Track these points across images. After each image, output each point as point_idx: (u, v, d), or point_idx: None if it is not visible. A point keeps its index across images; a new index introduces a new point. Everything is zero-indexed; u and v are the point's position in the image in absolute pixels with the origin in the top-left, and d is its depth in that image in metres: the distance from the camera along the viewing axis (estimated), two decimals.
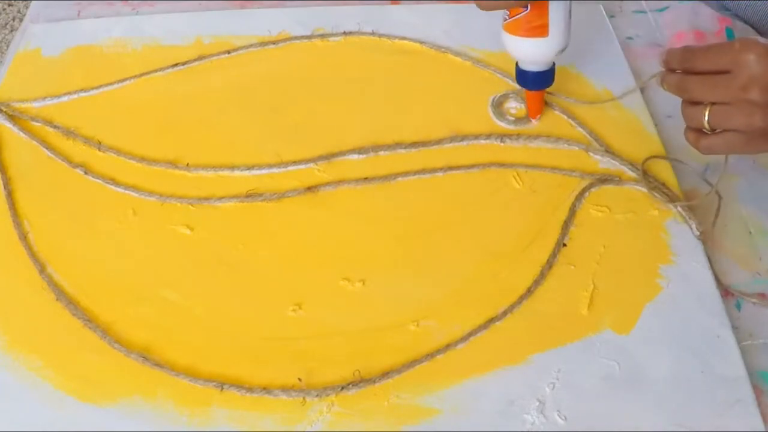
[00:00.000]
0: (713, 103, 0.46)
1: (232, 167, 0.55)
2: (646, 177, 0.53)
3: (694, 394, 0.43)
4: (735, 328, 0.46)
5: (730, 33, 0.65)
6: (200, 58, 0.63)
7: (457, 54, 0.63)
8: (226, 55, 0.63)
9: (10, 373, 0.44)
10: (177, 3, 0.69)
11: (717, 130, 0.47)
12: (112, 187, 0.54)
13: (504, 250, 0.50)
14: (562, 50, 0.53)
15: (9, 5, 1.66)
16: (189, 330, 0.46)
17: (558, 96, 0.59)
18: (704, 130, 0.47)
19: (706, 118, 0.47)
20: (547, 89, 0.57)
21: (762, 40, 0.45)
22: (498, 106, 0.59)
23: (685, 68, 0.49)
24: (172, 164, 0.55)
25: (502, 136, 0.57)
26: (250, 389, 0.43)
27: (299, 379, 0.44)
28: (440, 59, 0.63)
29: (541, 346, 0.45)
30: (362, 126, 0.58)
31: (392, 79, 0.62)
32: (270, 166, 0.55)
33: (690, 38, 0.64)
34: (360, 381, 0.44)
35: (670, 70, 0.50)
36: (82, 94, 0.60)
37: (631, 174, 0.54)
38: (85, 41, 0.65)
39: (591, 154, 0.56)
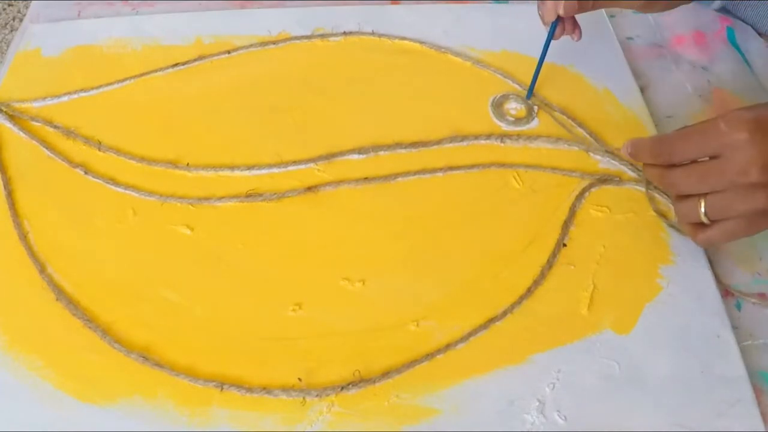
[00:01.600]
0: (707, 194, 0.42)
1: (232, 167, 0.55)
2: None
3: (694, 394, 0.43)
4: (735, 328, 0.46)
5: (730, 32, 0.65)
6: (200, 58, 0.63)
7: (457, 54, 0.63)
8: (226, 55, 0.63)
9: (10, 373, 0.44)
10: (177, 3, 0.68)
11: (716, 220, 0.43)
12: (112, 187, 0.54)
13: (504, 250, 0.50)
14: None
15: (9, 5, 1.66)
16: (189, 330, 0.46)
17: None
18: (702, 222, 0.44)
19: (703, 210, 0.43)
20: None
21: (746, 112, 0.41)
22: (498, 106, 0.59)
23: (661, 162, 0.45)
24: (172, 164, 0.55)
25: (502, 136, 0.57)
26: (250, 389, 0.43)
27: (299, 379, 0.44)
28: (440, 59, 0.63)
29: (541, 346, 0.45)
30: (362, 126, 0.58)
31: (392, 79, 0.62)
32: (270, 166, 0.55)
33: (690, 39, 0.64)
34: (360, 381, 0.44)
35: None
36: (82, 94, 0.60)
37: (631, 174, 0.54)
38: (85, 41, 0.65)
39: (591, 154, 0.56)
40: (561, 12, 0.52)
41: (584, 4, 0.52)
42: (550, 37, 0.56)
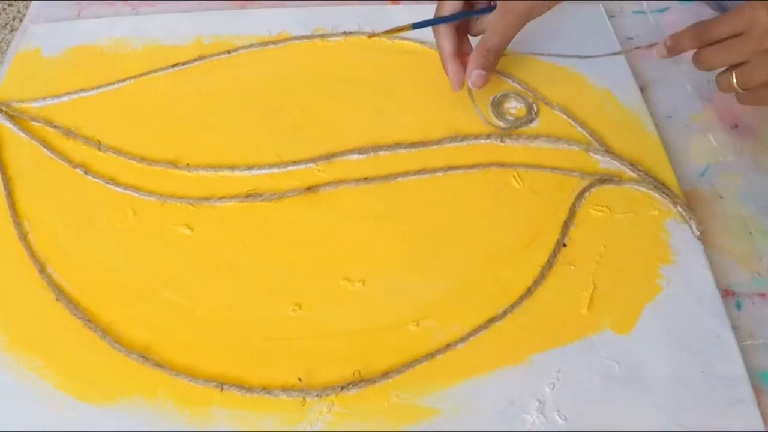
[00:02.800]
0: (737, 66, 0.50)
1: (232, 167, 0.55)
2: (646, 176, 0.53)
3: (694, 394, 0.43)
4: (735, 328, 0.46)
5: None
6: (200, 58, 0.63)
7: None
8: (226, 55, 0.63)
9: (10, 373, 0.44)
10: (177, 3, 0.68)
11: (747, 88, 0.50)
12: (112, 187, 0.54)
13: (504, 250, 0.50)
14: None
15: (9, 5, 1.67)
16: (189, 330, 0.46)
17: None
18: (737, 91, 0.51)
19: (735, 81, 0.50)
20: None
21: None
22: (498, 106, 0.59)
23: (699, 44, 0.51)
24: (172, 164, 0.55)
25: (502, 136, 0.57)
26: (250, 389, 0.43)
27: (299, 379, 0.44)
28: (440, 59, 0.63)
29: (541, 346, 0.45)
30: (362, 126, 0.58)
31: (392, 79, 0.62)
32: (270, 166, 0.55)
33: None
34: (360, 381, 0.44)
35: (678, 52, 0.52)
36: (82, 94, 0.60)
37: (631, 174, 0.54)
38: (85, 41, 0.65)
39: (591, 154, 0.56)
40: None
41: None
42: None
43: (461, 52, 0.57)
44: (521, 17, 0.54)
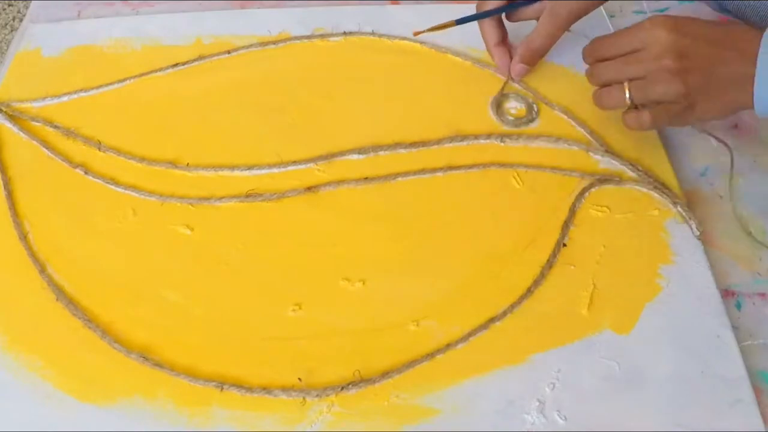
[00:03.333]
0: (630, 81, 0.49)
1: (232, 167, 0.55)
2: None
3: (694, 394, 0.43)
4: (735, 328, 0.46)
5: None
6: (200, 58, 0.63)
7: (457, 54, 0.63)
8: (226, 55, 0.63)
9: (10, 373, 0.44)
10: (177, 3, 0.68)
11: (643, 106, 0.49)
12: (112, 187, 0.54)
13: (504, 250, 0.50)
14: None
15: (9, 5, 1.67)
16: (189, 330, 0.46)
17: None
18: (629, 106, 0.50)
19: (627, 94, 0.49)
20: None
21: (668, 17, 0.48)
22: (498, 106, 0.59)
23: (596, 58, 0.51)
24: (172, 164, 0.55)
25: (502, 136, 0.57)
26: (250, 389, 0.43)
27: (299, 379, 0.44)
28: (440, 59, 0.63)
29: (541, 346, 0.45)
30: (362, 126, 0.58)
31: (392, 79, 0.62)
32: (270, 166, 0.55)
33: None
34: (360, 381, 0.44)
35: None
36: (82, 94, 0.60)
37: (631, 174, 0.54)
38: (85, 41, 0.65)
39: (591, 154, 0.56)
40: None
41: None
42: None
43: (504, 40, 0.60)
44: (569, 19, 0.56)
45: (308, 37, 0.65)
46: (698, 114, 0.49)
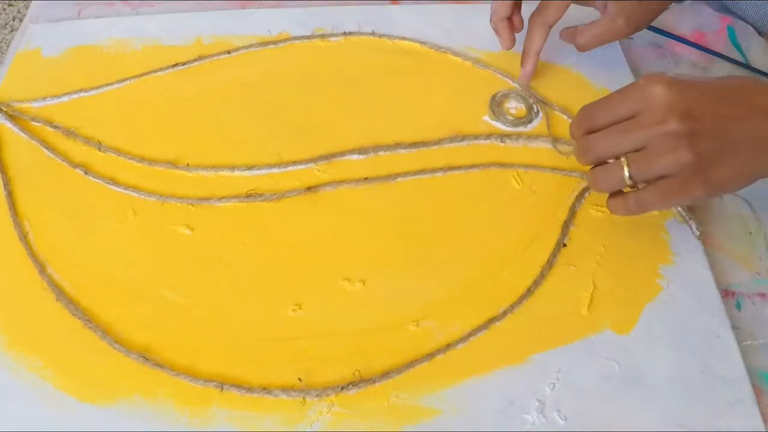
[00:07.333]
0: (629, 155, 0.41)
1: (232, 167, 0.55)
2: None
3: (694, 394, 0.43)
4: (735, 328, 0.46)
5: (731, 32, 0.65)
6: (200, 58, 0.63)
7: (457, 54, 0.63)
8: (226, 55, 0.63)
9: (10, 373, 0.44)
10: (177, 3, 0.68)
11: (641, 185, 0.42)
12: (112, 187, 0.54)
13: (504, 250, 0.50)
14: None
15: (9, 5, 1.67)
16: (189, 330, 0.46)
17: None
18: (627, 188, 0.42)
19: (626, 172, 0.41)
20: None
21: (665, 74, 0.42)
22: (498, 106, 0.59)
23: (587, 128, 0.44)
24: (172, 164, 0.55)
25: (502, 136, 0.57)
26: (250, 389, 0.43)
27: (299, 379, 0.44)
28: (440, 59, 0.63)
29: (541, 346, 0.45)
30: (362, 126, 0.58)
31: (392, 79, 0.62)
32: (270, 166, 0.55)
33: (690, 39, 0.64)
34: (360, 381, 0.44)
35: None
36: (82, 94, 0.60)
37: None
38: (85, 41, 0.65)
39: None
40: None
41: None
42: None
43: (512, 16, 0.58)
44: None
45: (308, 37, 0.65)
46: (710, 187, 0.41)
